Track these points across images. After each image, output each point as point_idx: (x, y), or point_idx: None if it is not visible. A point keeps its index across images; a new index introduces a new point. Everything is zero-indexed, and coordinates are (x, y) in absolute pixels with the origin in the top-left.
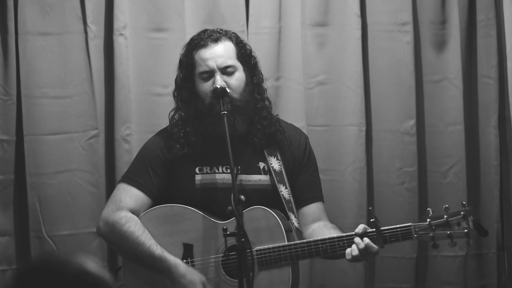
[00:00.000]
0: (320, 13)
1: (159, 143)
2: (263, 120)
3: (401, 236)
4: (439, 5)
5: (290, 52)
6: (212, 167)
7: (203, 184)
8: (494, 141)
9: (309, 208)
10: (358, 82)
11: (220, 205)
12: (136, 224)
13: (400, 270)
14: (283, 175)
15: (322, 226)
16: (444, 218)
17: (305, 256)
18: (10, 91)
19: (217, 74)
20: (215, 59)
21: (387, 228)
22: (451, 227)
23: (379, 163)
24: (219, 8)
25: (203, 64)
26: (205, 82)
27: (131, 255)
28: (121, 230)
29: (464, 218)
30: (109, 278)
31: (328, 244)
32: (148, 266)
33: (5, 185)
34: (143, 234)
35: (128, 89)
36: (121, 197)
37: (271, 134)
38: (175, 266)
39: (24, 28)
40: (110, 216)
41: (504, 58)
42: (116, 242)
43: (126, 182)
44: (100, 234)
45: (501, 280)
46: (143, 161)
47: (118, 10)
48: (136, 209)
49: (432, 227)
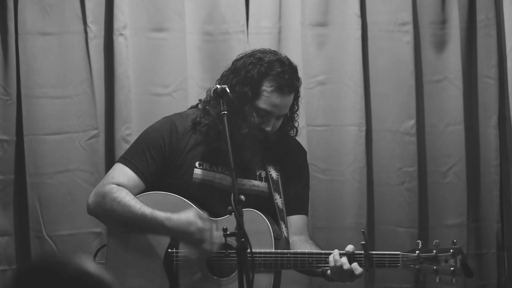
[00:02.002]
0: (320, 13)
1: (163, 132)
2: (278, 137)
3: (388, 263)
4: (439, 5)
5: (290, 52)
6: (212, 165)
7: (200, 180)
8: (494, 141)
9: (292, 219)
10: (358, 82)
11: (214, 203)
12: (128, 193)
13: (400, 270)
14: (279, 184)
15: (304, 241)
16: (433, 252)
17: (289, 266)
18: (10, 91)
19: (273, 119)
20: (282, 109)
21: (375, 252)
22: (438, 263)
23: (379, 163)
24: (219, 8)
25: (270, 106)
26: (258, 117)
27: (123, 219)
28: (111, 197)
29: (453, 256)
30: (109, 278)
31: (315, 258)
32: (142, 227)
33: (5, 185)
34: (134, 199)
35: (128, 89)
36: (114, 174)
37: (276, 148)
38: (166, 218)
39: (24, 28)
40: (100, 188)
41: (504, 58)
42: (107, 209)
43: (122, 163)
44: (90, 208)
45: (501, 280)
46: (143, 146)
47: (118, 10)
48: (127, 187)
49: (420, 259)
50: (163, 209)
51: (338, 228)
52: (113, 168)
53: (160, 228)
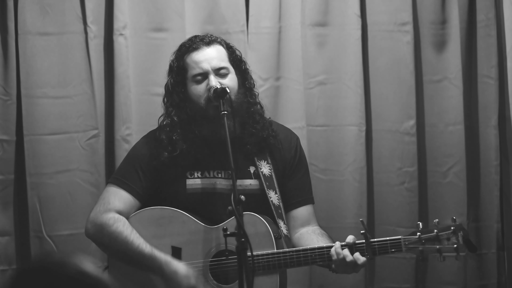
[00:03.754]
0: (320, 13)
1: (149, 146)
2: (256, 123)
3: (391, 248)
4: (439, 5)
5: (290, 52)
6: (204, 172)
7: (194, 189)
8: (494, 141)
9: (298, 212)
10: (358, 82)
11: (211, 209)
12: (124, 224)
13: (400, 270)
14: (273, 179)
15: (311, 231)
16: (434, 232)
17: (293, 265)
18: (10, 91)
19: (211, 75)
20: (209, 61)
21: (377, 240)
22: (440, 242)
23: (379, 163)
24: (219, 8)
25: (196, 66)
26: (198, 85)
27: (120, 255)
28: (109, 230)
29: (454, 233)
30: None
31: (317, 253)
32: (138, 265)
33: (5, 185)
34: (132, 233)
35: (128, 89)
36: (109, 199)
37: (264, 138)
38: (166, 263)
39: (24, 28)
40: (98, 218)
41: (504, 58)
42: (105, 243)
43: (115, 184)
44: (88, 235)
45: (501, 280)
46: (133, 163)
47: (118, 10)
48: (124, 211)
49: (422, 241)
50: (160, 223)
51: (338, 228)
52: (106, 191)
53: (157, 270)
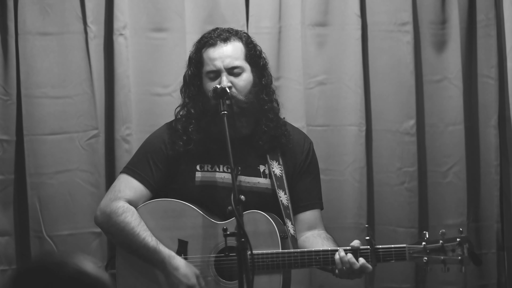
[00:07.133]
0: (320, 13)
1: (163, 137)
2: (270, 122)
3: (395, 256)
4: (439, 5)
5: (290, 52)
6: (213, 166)
7: (203, 182)
8: (494, 141)
9: (305, 215)
10: (358, 82)
11: (219, 204)
12: (133, 215)
13: (400, 270)
14: (283, 180)
15: (316, 235)
16: (439, 243)
17: (297, 266)
18: (10, 91)
19: (223, 75)
20: (223, 59)
21: (381, 247)
22: (445, 253)
23: (379, 163)
24: (219, 8)
25: (210, 63)
26: (211, 82)
27: (126, 245)
28: (117, 220)
29: (460, 245)
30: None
31: (322, 256)
32: (142, 257)
33: (5, 185)
34: (139, 225)
35: (128, 89)
36: (120, 187)
37: (276, 137)
38: (169, 258)
39: (24, 28)
40: (107, 206)
41: (504, 58)
42: (112, 231)
43: (127, 173)
44: (97, 223)
45: (501, 280)
46: (146, 153)
47: (118, 10)
48: (134, 201)
49: (427, 251)
50: (169, 216)
51: (338, 228)
52: (118, 179)
53: (159, 264)
